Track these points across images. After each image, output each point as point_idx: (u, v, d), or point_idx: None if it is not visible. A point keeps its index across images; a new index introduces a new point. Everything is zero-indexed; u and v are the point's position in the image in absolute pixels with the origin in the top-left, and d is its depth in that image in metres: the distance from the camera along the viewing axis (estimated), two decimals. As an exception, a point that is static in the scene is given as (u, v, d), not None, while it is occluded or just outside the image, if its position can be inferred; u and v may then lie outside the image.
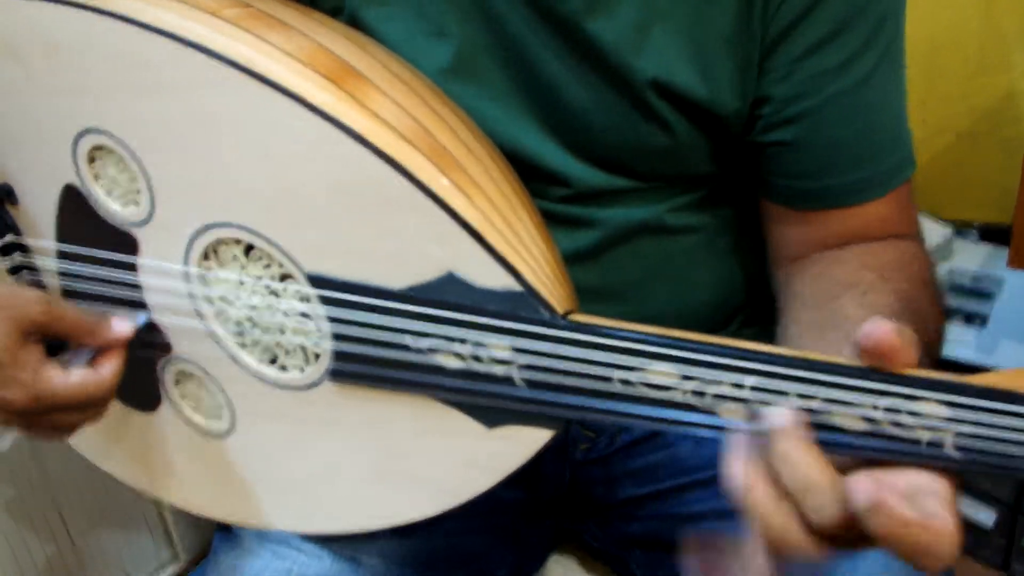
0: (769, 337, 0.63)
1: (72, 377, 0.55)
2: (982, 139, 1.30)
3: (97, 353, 0.58)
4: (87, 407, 0.57)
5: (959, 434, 0.41)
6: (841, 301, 0.59)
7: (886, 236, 0.67)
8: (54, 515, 1.08)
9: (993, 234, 1.25)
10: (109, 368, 0.57)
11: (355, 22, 0.62)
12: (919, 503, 0.39)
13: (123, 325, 0.58)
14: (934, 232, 1.25)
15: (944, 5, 1.26)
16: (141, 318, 0.60)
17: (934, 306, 0.60)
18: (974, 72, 1.28)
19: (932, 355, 0.56)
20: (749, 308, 0.76)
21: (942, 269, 1.23)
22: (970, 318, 1.18)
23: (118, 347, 0.58)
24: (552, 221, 0.64)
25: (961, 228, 1.28)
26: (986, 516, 1.16)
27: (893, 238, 0.66)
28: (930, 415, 0.41)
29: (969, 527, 1.18)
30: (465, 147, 0.53)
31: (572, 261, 0.65)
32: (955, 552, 0.39)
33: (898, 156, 0.66)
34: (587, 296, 0.60)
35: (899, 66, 0.65)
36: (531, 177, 0.62)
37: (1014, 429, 0.40)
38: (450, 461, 0.56)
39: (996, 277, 1.20)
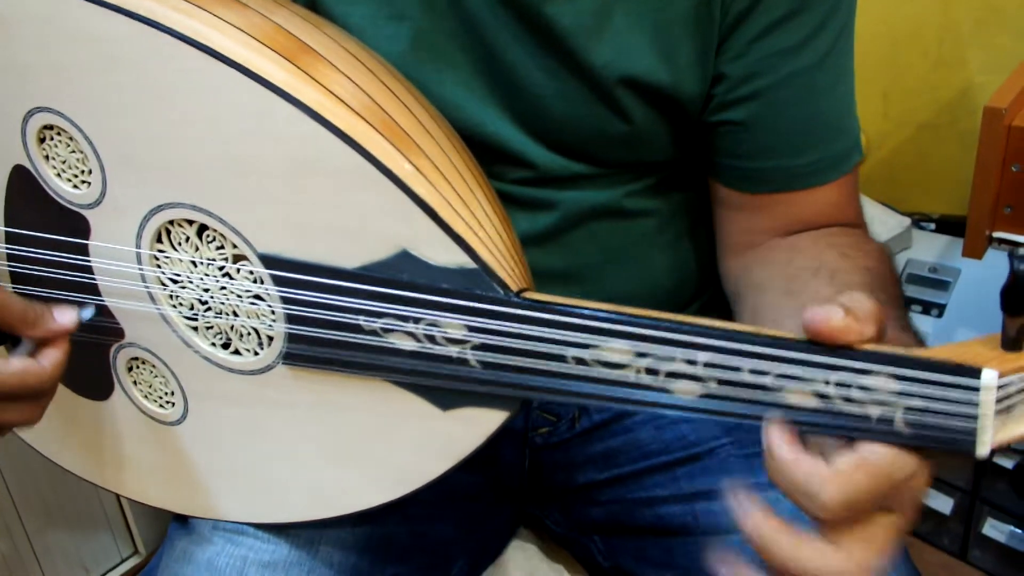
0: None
1: (10, 365, 0.53)
2: (942, 132, 1.32)
3: (39, 344, 0.56)
4: (27, 398, 0.54)
5: (908, 408, 0.42)
6: (812, 285, 0.59)
7: (835, 224, 0.67)
8: (9, 511, 1.06)
9: (950, 226, 1.27)
10: (50, 359, 0.54)
11: (314, 5, 0.62)
12: None
13: (66, 316, 0.56)
14: (893, 223, 1.26)
15: (903, 0, 1.28)
16: (87, 312, 0.59)
17: (895, 281, 0.61)
18: (933, 66, 1.29)
19: (904, 322, 0.56)
20: (706, 295, 0.77)
21: (900, 260, 1.25)
22: (928, 308, 1.20)
23: (61, 338, 0.56)
24: (512, 203, 0.63)
25: (920, 220, 1.30)
26: (943, 503, 1.18)
27: (842, 227, 0.67)
28: (880, 389, 0.42)
29: (927, 514, 1.20)
30: (420, 124, 0.52)
31: (532, 243, 0.65)
32: None
33: (846, 142, 0.67)
34: (548, 279, 0.60)
35: (850, 53, 0.66)
36: (492, 159, 0.62)
37: (961, 402, 0.41)
38: (405, 445, 0.55)
39: (953, 268, 1.21)
